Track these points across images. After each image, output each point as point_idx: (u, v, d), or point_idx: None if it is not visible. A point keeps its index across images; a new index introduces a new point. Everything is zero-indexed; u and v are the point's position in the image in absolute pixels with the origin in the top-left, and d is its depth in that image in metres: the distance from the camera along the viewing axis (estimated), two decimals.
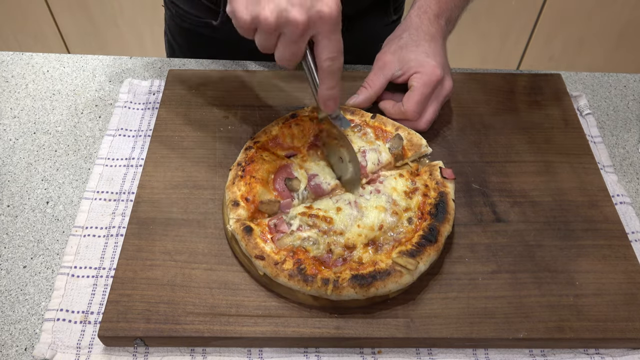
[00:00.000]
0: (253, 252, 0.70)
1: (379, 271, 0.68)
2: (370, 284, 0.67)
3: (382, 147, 0.81)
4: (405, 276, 0.68)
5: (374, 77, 0.86)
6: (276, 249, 0.70)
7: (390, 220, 0.73)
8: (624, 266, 0.74)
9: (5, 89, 0.99)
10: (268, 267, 0.69)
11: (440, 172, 0.78)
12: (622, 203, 0.83)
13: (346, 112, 0.86)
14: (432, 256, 0.70)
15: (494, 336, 0.68)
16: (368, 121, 0.85)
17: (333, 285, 0.67)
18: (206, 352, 0.69)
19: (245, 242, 0.71)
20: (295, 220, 0.72)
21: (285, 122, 0.84)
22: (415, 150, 0.81)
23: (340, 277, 0.68)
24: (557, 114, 0.92)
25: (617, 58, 2.29)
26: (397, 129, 0.83)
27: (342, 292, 0.67)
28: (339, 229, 0.72)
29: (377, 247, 0.71)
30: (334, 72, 0.69)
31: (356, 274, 0.68)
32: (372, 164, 0.79)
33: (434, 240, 0.71)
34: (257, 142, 0.81)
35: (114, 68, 1.03)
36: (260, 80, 0.95)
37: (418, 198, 0.76)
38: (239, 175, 0.77)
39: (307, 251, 0.70)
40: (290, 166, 0.79)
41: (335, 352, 0.69)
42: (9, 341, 0.70)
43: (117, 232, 0.78)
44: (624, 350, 0.70)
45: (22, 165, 0.88)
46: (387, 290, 0.68)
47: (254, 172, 0.77)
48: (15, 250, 0.78)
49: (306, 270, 0.68)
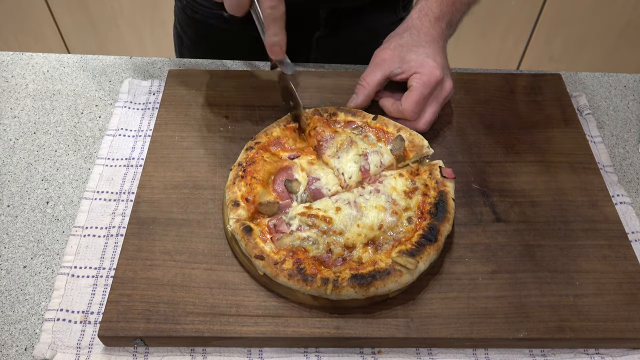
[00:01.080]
0: (253, 252, 0.70)
1: (379, 270, 0.68)
2: (370, 283, 0.67)
3: (384, 149, 0.81)
4: (405, 275, 0.68)
5: (371, 73, 0.86)
6: (276, 249, 0.70)
7: (390, 219, 0.73)
8: (624, 266, 0.74)
9: (5, 89, 0.99)
10: (268, 267, 0.69)
11: (440, 171, 0.78)
12: (622, 203, 0.83)
13: (347, 113, 0.86)
14: (432, 255, 0.70)
15: (494, 336, 0.68)
16: (369, 122, 0.85)
17: (333, 285, 0.67)
18: (206, 352, 0.69)
19: (245, 242, 0.71)
20: (295, 220, 0.72)
21: (287, 125, 0.84)
22: (417, 151, 0.81)
23: (340, 276, 0.68)
24: (557, 114, 0.92)
25: (617, 58, 2.29)
26: (399, 130, 0.83)
27: (341, 291, 0.67)
28: (338, 228, 0.72)
29: (376, 247, 0.71)
30: (276, 19, 0.75)
31: (356, 273, 0.68)
32: (375, 167, 0.79)
33: (433, 239, 0.71)
34: (258, 142, 0.81)
35: (114, 68, 1.03)
36: (260, 80, 0.95)
37: (418, 197, 0.76)
38: (239, 175, 0.77)
39: (307, 251, 0.70)
40: (291, 168, 0.79)
41: (335, 352, 0.69)
42: (9, 341, 0.70)
43: (117, 232, 0.78)
44: (624, 350, 0.70)
45: (22, 165, 0.88)
46: (387, 289, 0.68)
47: (255, 173, 0.77)
48: (15, 250, 0.78)
49: (306, 270, 0.68)
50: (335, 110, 0.86)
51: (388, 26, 1.13)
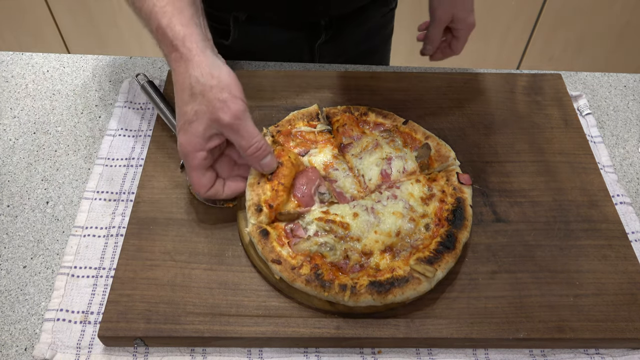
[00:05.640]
0: (269, 256, 0.69)
1: (397, 278, 0.67)
2: (388, 290, 0.66)
3: (408, 155, 0.80)
4: (423, 284, 0.67)
5: (434, 30, 0.95)
6: (293, 254, 0.70)
7: (408, 226, 0.72)
8: (624, 266, 0.74)
9: (5, 89, 0.99)
10: (285, 271, 0.68)
11: (458, 177, 0.78)
12: (622, 203, 0.83)
13: (379, 115, 0.86)
14: (449, 263, 0.70)
15: (494, 336, 0.68)
16: (399, 127, 0.84)
17: (350, 292, 0.66)
18: (206, 352, 0.69)
19: (261, 245, 0.70)
20: (312, 225, 0.72)
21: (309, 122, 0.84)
22: (442, 161, 0.80)
23: (357, 283, 0.67)
24: (557, 114, 0.92)
25: (617, 58, 2.28)
26: (427, 137, 0.83)
27: (359, 298, 0.66)
28: (355, 235, 0.71)
29: (394, 254, 0.71)
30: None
31: (374, 280, 0.67)
32: (397, 172, 0.78)
33: (451, 247, 0.70)
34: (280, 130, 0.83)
35: (114, 68, 1.03)
36: (261, 80, 0.95)
37: (435, 204, 0.75)
38: (266, 177, 0.75)
39: (324, 257, 0.70)
40: (309, 171, 0.77)
41: (335, 352, 0.69)
42: (9, 341, 0.70)
43: (117, 232, 0.78)
44: (624, 350, 0.70)
45: (22, 165, 0.88)
46: (405, 297, 0.67)
47: (283, 178, 0.74)
48: (15, 250, 0.78)
49: (323, 276, 0.68)
50: (366, 110, 0.86)
51: (380, 19, 1.14)
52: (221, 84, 0.68)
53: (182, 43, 0.69)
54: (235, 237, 0.75)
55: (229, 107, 0.68)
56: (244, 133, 0.70)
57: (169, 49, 0.70)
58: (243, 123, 0.69)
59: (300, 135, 0.83)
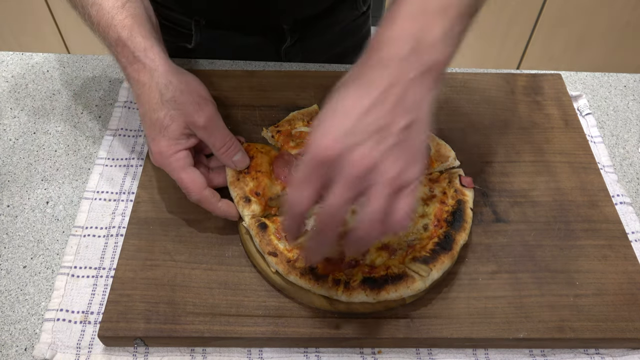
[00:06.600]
0: (266, 249, 0.70)
1: (391, 275, 0.68)
2: (382, 287, 0.67)
3: None
4: (417, 282, 0.67)
5: None
6: (290, 247, 0.71)
7: None
8: (624, 266, 0.74)
9: (5, 89, 0.99)
10: (280, 264, 0.69)
11: (460, 180, 0.78)
12: (622, 203, 0.83)
13: None
14: (445, 264, 0.69)
15: (494, 336, 0.68)
16: None
17: (344, 287, 0.67)
18: (206, 352, 0.69)
19: (259, 238, 0.71)
20: (310, 219, 0.72)
21: (309, 121, 0.84)
22: (442, 161, 0.80)
23: (352, 278, 0.68)
24: (557, 114, 0.92)
25: (617, 58, 2.29)
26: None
27: (352, 293, 0.67)
28: None
29: (390, 252, 0.71)
30: None
31: (368, 276, 0.68)
32: None
33: (448, 248, 0.70)
34: (280, 131, 0.83)
35: (114, 68, 1.03)
36: (260, 80, 0.95)
37: (435, 205, 0.75)
38: (243, 171, 0.77)
39: None
40: (283, 154, 0.79)
41: (335, 352, 0.69)
42: (9, 341, 0.70)
43: (117, 232, 0.78)
44: (624, 350, 0.70)
45: (22, 165, 0.88)
46: (398, 295, 0.67)
47: (259, 167, 0.77)
48: (15, 250, 0.78)
49: (318, 270, 0.68)
50: None
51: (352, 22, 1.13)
52: (190, 87, 0.72)
53: (145, 54, 0.71)
54: (236, 237, 0.76)
55: (202, 109, 0.71)
56: (217, 134, 0.73)
57: (130, 60, 0.72)
58: (216, 124, 0.73)
59: (300, 136, 0.83)
